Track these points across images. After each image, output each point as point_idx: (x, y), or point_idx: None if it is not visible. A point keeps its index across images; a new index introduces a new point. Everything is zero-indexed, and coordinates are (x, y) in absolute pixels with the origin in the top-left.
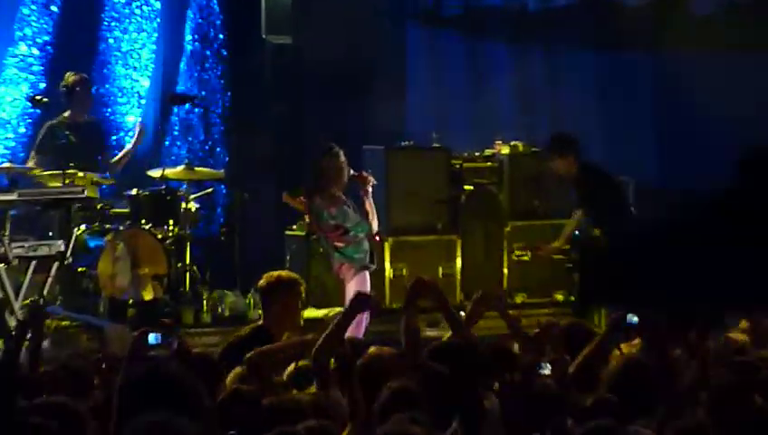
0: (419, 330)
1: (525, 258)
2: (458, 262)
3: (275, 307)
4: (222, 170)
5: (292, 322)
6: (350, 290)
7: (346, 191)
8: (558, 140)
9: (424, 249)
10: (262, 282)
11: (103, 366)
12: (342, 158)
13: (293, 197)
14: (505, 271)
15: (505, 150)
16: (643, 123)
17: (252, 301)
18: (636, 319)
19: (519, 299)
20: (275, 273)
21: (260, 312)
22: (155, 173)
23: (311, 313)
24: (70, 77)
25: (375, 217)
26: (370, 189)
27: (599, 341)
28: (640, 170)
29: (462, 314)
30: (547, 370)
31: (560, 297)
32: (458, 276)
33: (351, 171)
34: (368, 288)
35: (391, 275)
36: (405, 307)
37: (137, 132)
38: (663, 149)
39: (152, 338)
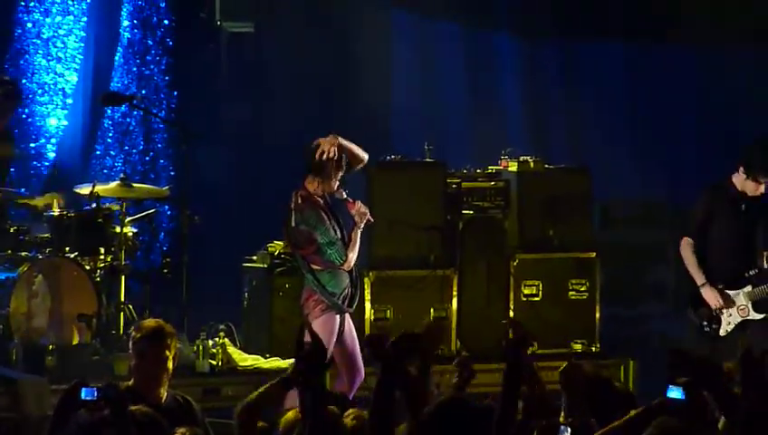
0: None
1: (536, 299)
2: (454, 303)
3: (142, 362)
4: (166, 187)
5: (158, 380)
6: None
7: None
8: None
9: (413, 287)
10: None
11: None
12: (345, 162)
13: None
14: (511, 314)
15: (513, 167)
16: (688, 133)
17: (202, 348)
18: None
19: (528, 350)
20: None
21: (210, 362)
22: (83, 190)
23: (273, 363)
24: None
25: (356, 251)
26: (362, 226)
27: (632, 418)
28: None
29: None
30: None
31: (578, 347)
32: (454, 320)
33: (344, 193)
34: (331, 337)
35: (372, 318)
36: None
37: None
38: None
39: (85, 393)
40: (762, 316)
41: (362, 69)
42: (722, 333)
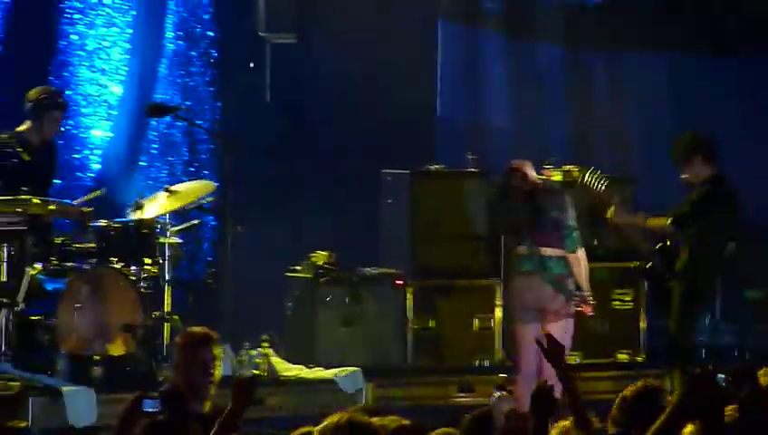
0: None
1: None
2: (498, 312)
3: (188, 370)
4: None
5: (203, 387)
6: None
7: None
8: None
9: (455, 296)
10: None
11: None
12: None
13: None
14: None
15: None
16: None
17: (246, 358)
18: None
19: (572, 359)
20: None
21: (253, 372)
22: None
23: (317, 373)
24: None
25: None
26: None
27: (667, 416)
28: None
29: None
30: None
31: (623, 358)
32: (498, 330)
33: None
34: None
35: (415, 327)
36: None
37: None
38: None
39: (147, 405)
40: None
41: (407, 78)
42: None
